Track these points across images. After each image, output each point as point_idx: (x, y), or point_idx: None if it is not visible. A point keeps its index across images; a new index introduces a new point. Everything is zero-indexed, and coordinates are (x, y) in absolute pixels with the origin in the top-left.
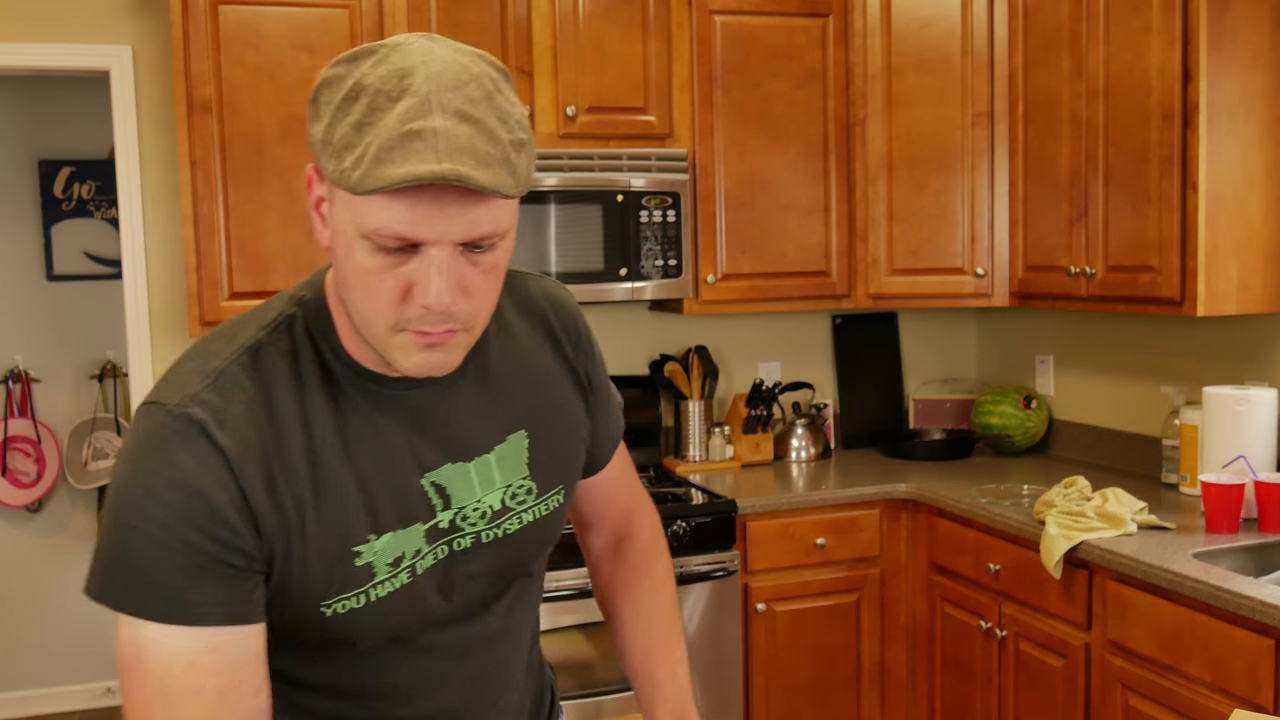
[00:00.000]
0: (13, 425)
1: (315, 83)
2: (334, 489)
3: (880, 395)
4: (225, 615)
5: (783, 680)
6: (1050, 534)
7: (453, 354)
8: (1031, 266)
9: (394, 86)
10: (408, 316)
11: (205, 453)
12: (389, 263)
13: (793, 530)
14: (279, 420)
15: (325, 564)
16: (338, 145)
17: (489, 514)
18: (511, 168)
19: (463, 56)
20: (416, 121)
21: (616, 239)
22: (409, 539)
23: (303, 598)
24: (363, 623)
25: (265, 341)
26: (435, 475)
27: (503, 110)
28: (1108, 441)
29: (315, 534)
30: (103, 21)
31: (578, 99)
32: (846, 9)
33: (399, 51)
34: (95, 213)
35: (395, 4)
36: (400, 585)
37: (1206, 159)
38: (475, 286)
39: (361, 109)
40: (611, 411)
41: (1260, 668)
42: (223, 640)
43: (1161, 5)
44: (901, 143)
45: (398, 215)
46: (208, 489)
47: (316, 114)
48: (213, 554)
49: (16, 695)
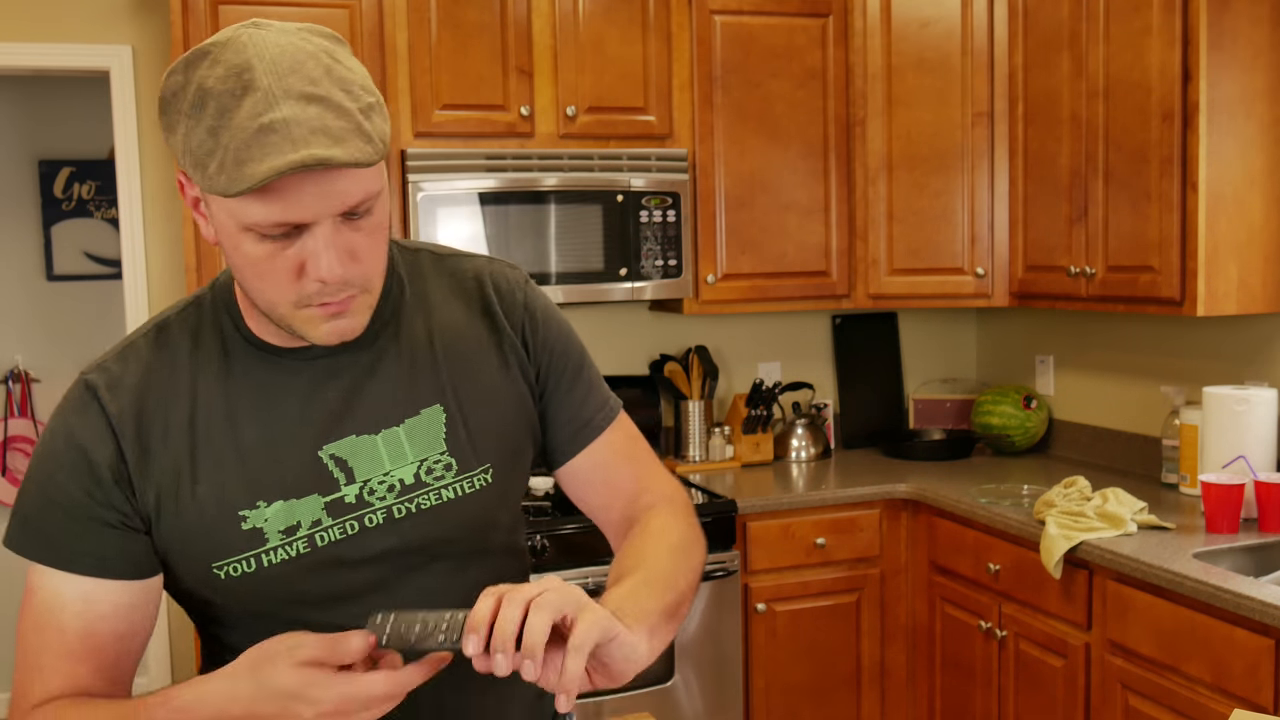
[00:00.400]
0: (13, 425)
1: (159, 94)
2: (215, 456)
3: (880, 395)
4: (96, 568)
5: (783, 680)
6: (1050, 534)
7: (358, 317)
8: (1031, 266)
9: (235, 85)
10: (307, 293)
11: (93, 414)
12: (276, 247)
13: (793, 530)
14: (168, 388)
15: (206, 526)
16: (198, 154)
17: (399, 488)
18: (366, 136)
19: (293, 37)
20: (265, 115)
21: (616, 239)
22: (304, 509)
23: (190, 558)
24: (260, 587)
25: (173, 318)
26: (334, 447)
27: (344, 80)
28: (1108, 441)
29: (193, 497)
30: (103, 21)
31: (578, 99)
32: (846, 9)
33: (230, 48)
34: (95, 213)
35: (395, 4)
36: (297, 554)
37: (1206, 159)
38: (363, 250)
39: (211, 114)
40: (581, 393)
41: (1260, 668)
42: (90, 589)
43: (1161, 5)
44: (901, 143)
45: (273, 205)
46: (89, 447)
47: (169, 125)
48: (88, 507)
49: None
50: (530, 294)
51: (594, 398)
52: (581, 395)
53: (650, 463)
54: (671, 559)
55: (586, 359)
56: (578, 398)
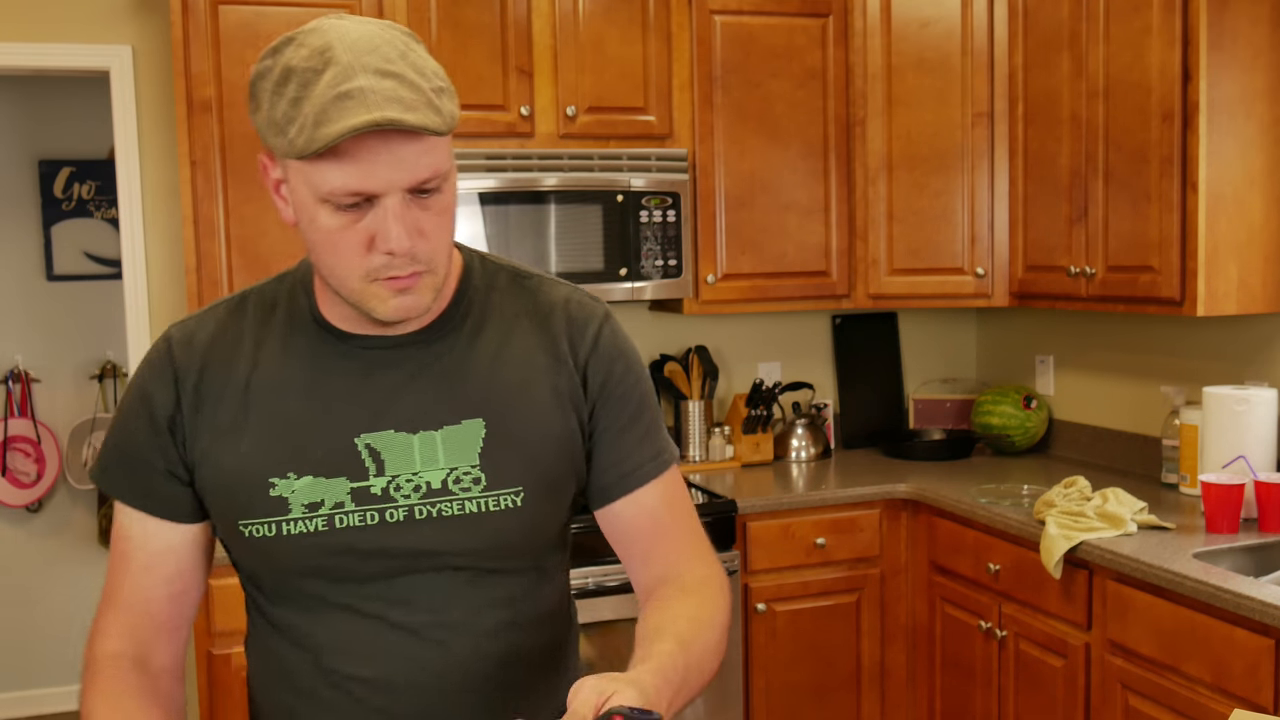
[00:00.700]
0: (13, 425)
1: (249, 79)
2: (262, 420)
3: (880, 395)
4: (152, 506)
5: (783, 680)
6: (1050, 534)
7: (423, 295)
8: (1031, 266)
9: (318, 62)
10: (375, 265)
11: (163, 365)
12: (349, 219)
13: (793, 530)
14: (234, 350)
15: (239, 484)
16: (280, 122)
17: (424, 489)
18: (436, 109)
19: (371, 26)
20: (344, 85)
21: (616, 239)
22: (331, 489)
23: (222, 511)
24: (276, 551)
25: (255, 290)
26: (371, 437)
27: (418, 65)
28: (1108, 441)
29: (234, 456)
30: (103, 21)
31: (578, 99)
32: (846, 9)
33: (314, 34)
34: (95, 213)
35: (395, 4)
36: (316, 530)
37: (1206, 159)
38: (429, 228)
39: (294, 87)
40: (633, 439)
41: (1260, 668)
42: (152, 528)
43: (1161, 5)
44: (901, 143)
45: (348, 172)
46: (153, 395)
47: (256, 104)
48: (143, 451)
49: (16, 695)
50: (605, 330)
51: (647, 446)
52: (634, 441)
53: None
54: (712, 644)
55: (648, 405)
56: (629, 442)
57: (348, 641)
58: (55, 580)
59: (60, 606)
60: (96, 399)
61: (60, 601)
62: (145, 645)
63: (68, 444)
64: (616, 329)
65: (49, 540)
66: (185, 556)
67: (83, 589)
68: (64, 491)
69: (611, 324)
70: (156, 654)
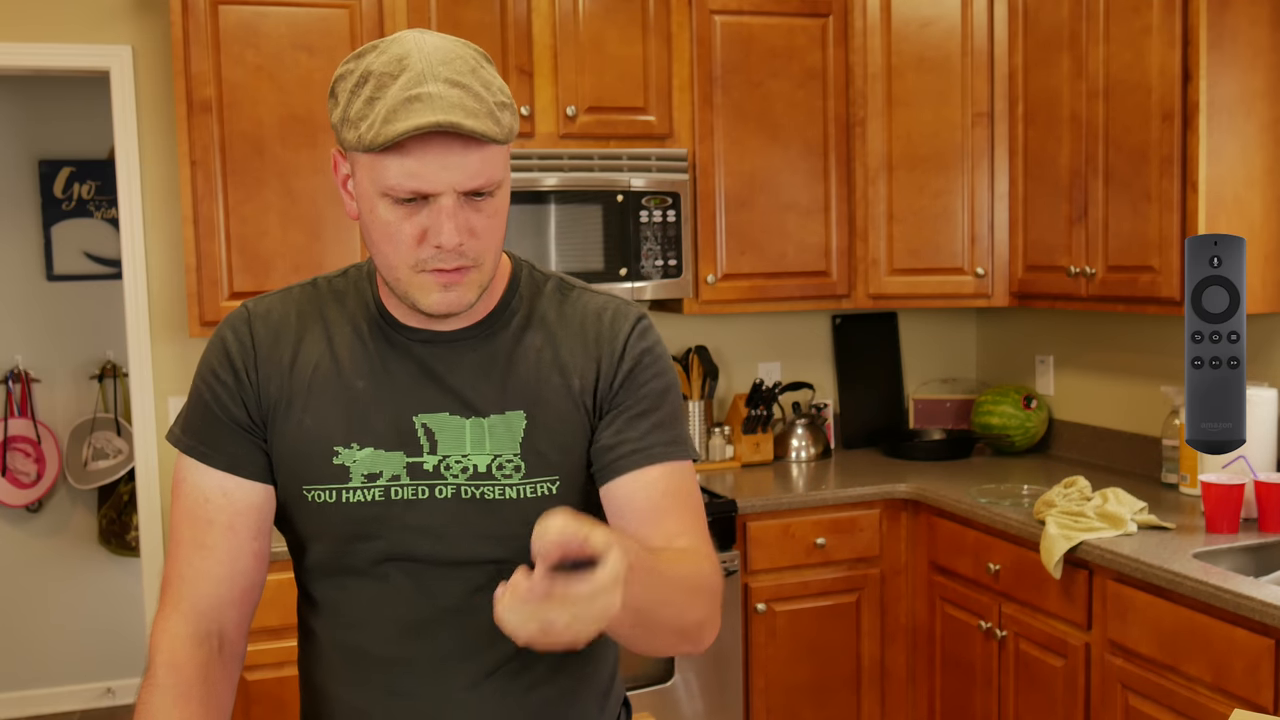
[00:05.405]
0: (13, 425)
1: (332, 79)
2: (329, 394)
3: (880, 395)
4: (230, 464)
5: (783, 680)
6: (1050, 534)
7: (468, 291)
8: (1031, 266)
9: (395, 68)
10: (424, 257)
11: (242, 329)
12: (406, 212)
13: (793, 530)
14: (305, 327)
15: (305, 451)
16: (354, 118)
17: (472, 471)
18: (497, 120)
19: (450, 41)
20: (415, 89)
21: (616, 239)
22: (389, 461)
23: (288, 475)
24: (333, 517)
25: (328, 278)
26: (427, 417)
27: (486, 80)
28: (1108, 441)
29: (302, 422)
30: (103, 21)
31: (578, 99)
32: (846, 9)
33: (397, 43)
34: (95, 213)
35: (395, 4)
36: (372, 499)
37: (1206, 159)
38: (481, 229)
39: (370, 88)
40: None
41: (1260, 668)
42: (230, 486)
43: (1161, 5)
44: (901, 143)
45: (409, 169)
46: (232, 352)
47: (335, 102)
48: (226, 407)
49: (16, 695)
50: (636, 329)
51: (661, 433)
52: (647, 427)
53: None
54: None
55: (669, 400)
56: (642, 427)
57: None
58: (55, 580)
59: (60, 606)
60: (96, 399)
61: (60, 601)
62: (215, 619)
63: (68, 444)
64: (647, 330)
65: (49, 540)
66: (266, 517)
67: (82, 589)
68: (64, 491)
69: (643, 325)
70: (228, 626)
